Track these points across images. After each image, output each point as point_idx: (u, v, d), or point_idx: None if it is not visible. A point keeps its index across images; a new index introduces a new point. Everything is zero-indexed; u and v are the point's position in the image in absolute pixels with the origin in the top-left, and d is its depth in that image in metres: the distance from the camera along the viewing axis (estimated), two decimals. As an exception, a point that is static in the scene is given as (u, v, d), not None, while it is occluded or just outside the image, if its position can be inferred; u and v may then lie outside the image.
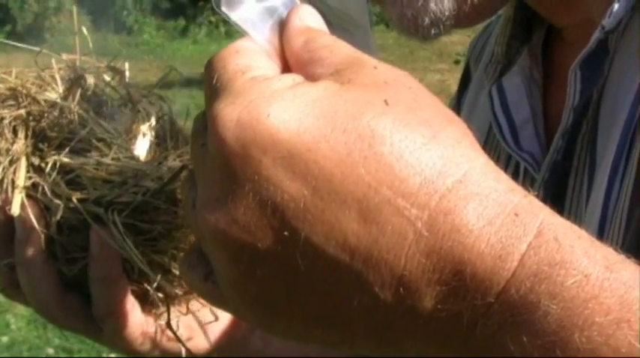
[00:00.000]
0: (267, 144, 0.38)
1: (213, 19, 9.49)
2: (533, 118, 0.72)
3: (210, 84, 0.42)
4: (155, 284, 0.69)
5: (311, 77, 0.41)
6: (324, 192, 0.37)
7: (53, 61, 0.75)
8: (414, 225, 0.37)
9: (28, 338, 3.85)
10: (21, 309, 3.87)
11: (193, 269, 0.44)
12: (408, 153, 0.37)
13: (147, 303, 0.72)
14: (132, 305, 0.71)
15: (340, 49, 0.42)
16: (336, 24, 0.47)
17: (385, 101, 0.39)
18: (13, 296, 0.74)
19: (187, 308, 0.73)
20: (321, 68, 0.41)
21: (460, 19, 0.66)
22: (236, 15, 0.44)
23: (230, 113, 0.39)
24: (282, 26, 0.44)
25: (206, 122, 0.41)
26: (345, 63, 0.41)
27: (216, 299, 0.44)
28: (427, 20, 0.65)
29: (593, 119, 0.63)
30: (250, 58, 0.42)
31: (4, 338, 3.90)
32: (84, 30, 0.87)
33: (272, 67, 0.43)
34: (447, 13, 0.65)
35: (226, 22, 0.45)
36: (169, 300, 0.71)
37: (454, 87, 0.93)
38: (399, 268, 0.37)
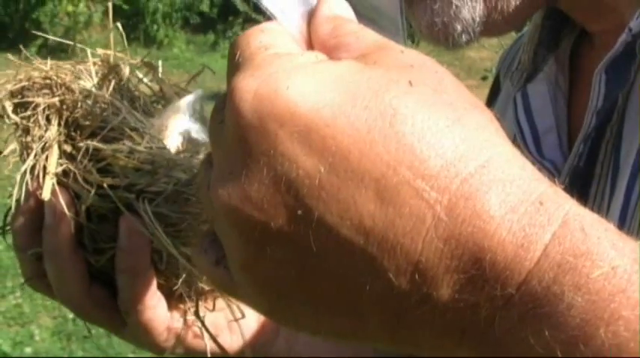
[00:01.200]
0: (284, 117, 0.37)
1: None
2: (556, 126, 0.71)
3: (232, 60, 0.41)
4: (183, 277, 0.68)
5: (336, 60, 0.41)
6: (340, 169, 0.36)
7: (89, 52, 0.74)
8: (432, 208, 0.35)
9: (52, 350, 3.85)
10: (45, 320, 3.88)
11: (205, 253, 0.43)
12: (430, 135, 0.36)
13: (173, 298, 0.72)
14: (158, 298, 0.70)
15: (367, 36, 0.42)
16: (367, 16, 0.46)
17: (410, 82, 0.38)
18: (39, 287, 0.74)
19: (214, 304, 0.72)
20: (347, 53, 0.40)
21: (489, 27, 0.65)
22: (267, 0, 0.43)
23: (248, 85, 0.38)
24: (310, 15, 0.44)
25: (225, 100, 0.40)
26: (371, 47, 0.40)
27: (227, 286, 0.43)
28: (459, 27, 0.64)
29: (617, 125, 0.62)
30: (275, 36, 0.42)
31: (28, 349, 3.91)
32: (119, 26, 0.87)
33: (296, 47, 0.42)
34: (477, 20, 0.64)
35: None
36: (198, 294, 0.70)
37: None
38: (416, 253, 0.36)
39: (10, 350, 3.92)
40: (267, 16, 0.44)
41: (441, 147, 0.36)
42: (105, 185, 0.62)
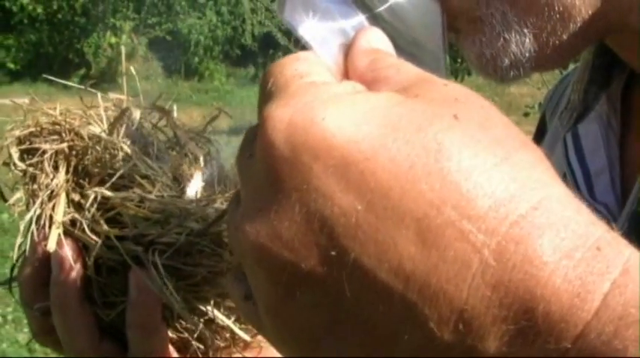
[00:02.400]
0: (319, 149, 0.34)
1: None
2: (609, 167, 0.68)
3: (265, 89, 0.38)
4: (197, 333, 0.64)
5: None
6: (379, 207, 0.33)
7: (99, 97, 0.71)
8: (479, 252, 0.32)
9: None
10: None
11: (238, 283, 0.41)
12: (478, 173, 0.33)
13: (187, 354, 0.68)
14: (170, 355, 0.66)
15: (407, 69, 0.39)
16: (406, 51, 0.43)
17: (455, 116, 0.35)
18: (46, 343, 0.71)
19: (230, 362, 0.68)
20: (386, 86, 0.38)
21: (540, 62, 0.62)
22: (303, 29, 0.42)
23: (282, 114, 0.35)
24: (348, 47, 0.42)
25: (256, 132, 0.38)
26: (412, 80, 0.38)
27: (255, 322, 0.40)
28: (506, 61, 0.61)
29: None
30: (310, 65, 0.39)
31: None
32: (132, 70, 0.85)
33: (331, 77, 0.39)
34: (527, 55, 0.61)
35: None
36: (213, 352, 0.66)
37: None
38: (460, 301, 0.33)
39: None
40: (302, 46, 0.42)
41: (489, 187, 0.33)
42: (112, 236, 0.58)
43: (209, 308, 0.63)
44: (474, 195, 0.33)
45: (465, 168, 0.33)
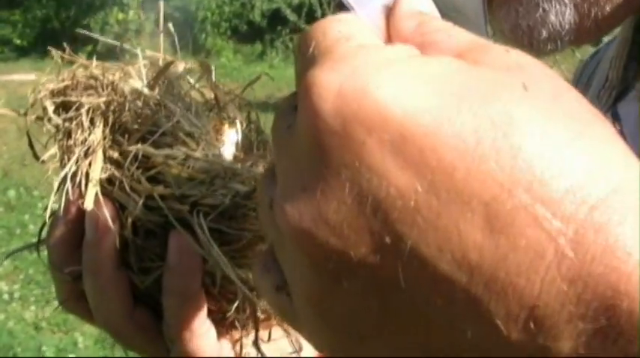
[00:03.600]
0: (374, 122, 0.30)
1: (290, 44, 9.54)
2: None
3: (305, 54, 0.34)
4: (237, 303, 0.61)
5: None
6: (441, 189, 0.29)
7: (139, 52, 0.67)
8: (555, 241, 0.28)
9: None
10: (89, 328, 3.88)
11: (267, 273, 0.37)
12: (553, 151, 0.29)
13: (224, 326, 0.64)
14: (208, 326, 0.62)
15: (459, 33, 0.35)
16: (448, 17, 0.40)
17: (524, 85, 0.31)
18: (75, 310, 0.67)
19: (269, 335, 0.64)
20: (437, 52, 0.34)
21: (580, 35, 0.58)
22: None
23: (330, 80, 0.31)
24: (388, 11, 0.37)
25: (295, 102, 0.34)
26: (467, 45, 0.34)
27: (288, 316, 0.36)
28: (544, 33, 0.57)
29: None
30: (355, 27, 0.35)
31: (72, 356, 3.90)
32: (170, 27, 0.81)
33: (379, 40, 0.35)
34: (567, 27, 0.57)
35: None
36: (256, 321, 0.62)
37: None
38: (532, 296, 0.29)
39: (53, 356, 3.93)
40: (337, 7, 0.38)
41: (565, 166, 0.29)
42: (155, 195, 0.54)
43: (251, 275, 0.59)
44: (548, 175, 0.29)
45: (538, 145, 0.29)
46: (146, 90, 0.59)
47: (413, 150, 0.29)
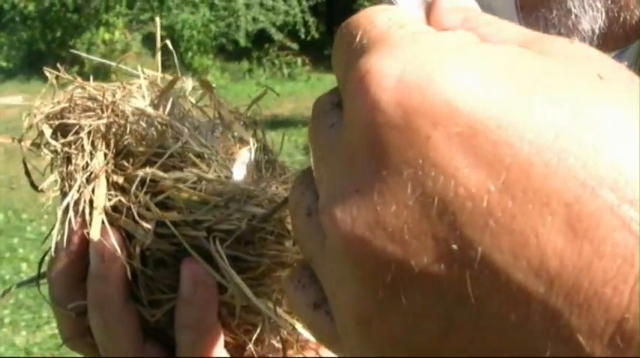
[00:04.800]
0: (440, 113, 0.27)
1: (276, 61, 9.54)
2: None
3: (351, 45, 0.30)
4: (255, 335, 0.56)
5: None
6: (517, 188, 0.26)
7: (140, 69, 0.63)
8: None
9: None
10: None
11: (303, 289, 0.33)
12: (638, 145, 0.26)
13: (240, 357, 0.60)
14: None
15: (511, 26, 0.32)
16: None
17: (599, 75, 0.28)
18: (80, 348, 0.63)
19: (290, 364, 0.60)
20: None
21: (607, 41, 0.54)
22: None
23: (389, 68, 0.28)
24: (428, 6, 0.35)
25: (337, 99, 0.32)
26: (525, 37, 0.31)
27: (327, 336, 0.33)
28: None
29: None
30: (404, 15, 0.31)
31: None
32: (169, 44, 0.76)
33: (432, 29, 0.32)
34: (597, 32, 0.53)
35: (289, 64, 0.34)
36: (278, 353, 0.58)
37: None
38: (620, 309, 0.25)
39: (45, 382, 3.87)
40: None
41: None
42: (167, 222, 0.50)
43: (270, 305, 0.55)
44: (635, 174, 0.26)
45: (623, 140, 0.26)
46: (150, 110, 0.55)
47: (485, 144, 0.26)
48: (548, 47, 0.29)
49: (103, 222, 0.52)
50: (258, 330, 0.57)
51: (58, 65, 0.62)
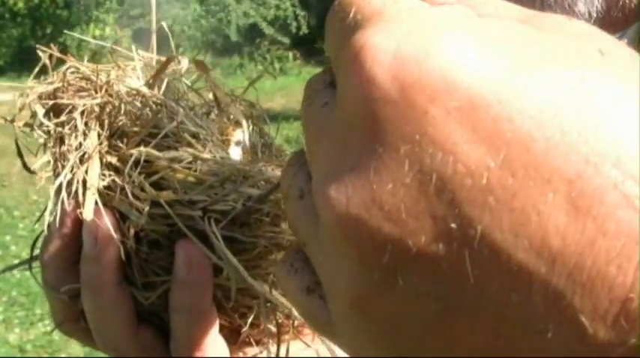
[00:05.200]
0: (438, 88, 0.26)
1: (267, 56, 9.52)
2: None
3: (344, 22, 0.30)
4: (252, 318, 0.56)
5: None
6: (517, 164, 0.25)
7: (134, 49, 0.63)
8: None
9: (82, 381, 3.77)
10: (75, 349, 3.81)
11: (295, 274, 0.33)
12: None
13: (236, 342, 0.59)
14: (220, 344, 0.57)
15: (508, 4, 0.31)
16: None
17: (600, 51, 0.27)
18: (73, 332, 0.62)
19: (287, 351, 0.60)
20: None
21: (605, 25, 0.54)
22: None
23: (384, 42, 0.27)
24: None
25: (329, 78, 0.31)
26: (524, 15, 0.30)
27: (320, 321, 0.32)
28: None
29: None
30: None
31: (58, 379, 3.84)
32: (164, 26, 0.76)
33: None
34: (594, 16, 0.53)
35: (281, 58, 0.33)
36: (279, 334, 0.57)
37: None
38: (625, 288, 0.24)
39: (38, 379, 3.86)
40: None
41: None
42: (162, 202, 0.49)
43: (266, 287, 0.54)
44: (638, 149, 0.25)
45: (626, 115, 0.25)
46: (145, 90, 0.54)
47: (484, 119, 0.25)
48: (547, 24, 0.29)
49: (96, 203, 0.51)
50: (254, 314, 0.56)
51: (52, 45, 0.61)
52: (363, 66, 0.27)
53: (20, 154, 0.57)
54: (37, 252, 0.60)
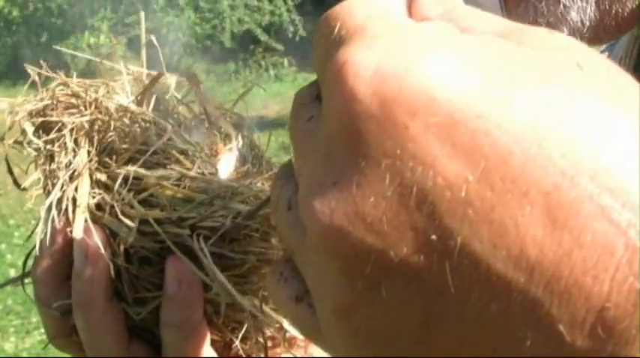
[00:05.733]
0: (418, 103, 0.26)
1: (262, 62, 9.53)
2: None
3: (329, 37, 0.30)
4: (243, 332, 0.56)
5: None
6: (496, 178, 0.26)
7: (122, 65, 0.63)
8: (625, 234, 0.25)
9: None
10: (70, 358, 3.79)
11: (284, 283, 0.33)
12: (617, 134, 0.26)
13: (227, 355, 0.59)
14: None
15: (491, 17, 0.32)
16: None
17: (579, 65, 0.28)
18: (66, 347, 0.62)
19: (277, 362, 0.60)
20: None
21: (599, 33, 0.55)
22: None
23: (366, 59, 0.27)
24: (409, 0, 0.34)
25: (315, 92, 0.32)
26: (506, 29, 0.30)
27: (310, 329, 0.32)
28: (565, 31, 0.54)
29: None
30: (383, 7, 0.31)
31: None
32: (154, 40, 0.76)
33: (412, 20, 0.32)
34: (587, 24, 0.53)
35: (276, 65, 0.34)
36: (257, 352, 0.58)
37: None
38: (601, 298, 0.25)
39: (34, 388, 3.86)
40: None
41: (632, 153, 0.26)
42: (150, 219, 0.50)
43: (256, 302, 0.55)
44: (615, 162, 0.26)
45: (602, 129, 0.26)
46: (133, 107, 0.55)
47: (463, 134, 0.26)
48: (528, 38, 0.29)
49: (86, 220, 0.52)
50: (245, 328, 0.56)
51: (41, 62, 0.61)
52: (345, 82, 0.27)
53: (11, 171, 0.58)
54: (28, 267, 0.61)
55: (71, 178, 0.53)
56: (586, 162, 0.25)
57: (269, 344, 0.59)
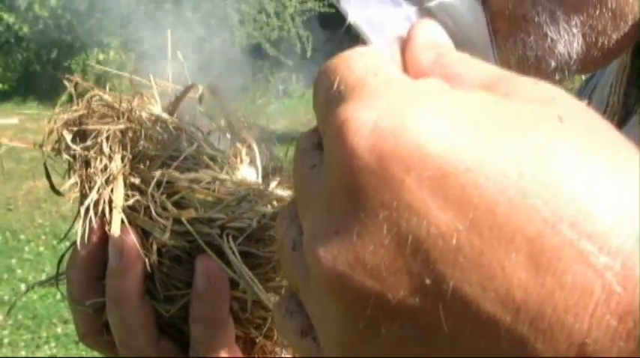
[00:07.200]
0: (412, 159, 0.29)
1: (271, 78, 9.56)
2: None
3: (329, 90, 0.33)
4: (265, 330, 0.59)
5: None
6: (484, 226, 0.29)
7: (152, 78, 0.67)
8: (602, 276, 0.28)
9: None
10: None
11: (290, 317, 0.36)
12: (595, 184, 0.29)
13: (252, 352, 0.63)
14: (236, 353, 0.61)
15: (481, 65, 0.34)
16: (456, 48, 0.39)
17: (560, 117, 0.30)
18: (95, 344, 0.65)
19: (298, 358, 0.63)
20: (460, 85, 0.33)
21: (586, 64, 0.57)
22: (355, 16, 0.37)
23: (364, 117, 0.30)
24: (403, 42, 0.37)
25: (317, 139, 0.34)
26: (493, 77, 0.33)
27: None
28: (553, 64, 0.56)
29: None
30: (379, 60, 0.34)
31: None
32: (179, 56, 0.80)
33: (405, 75, 0.34)
34: (574, 57, 0.56)
35: (285, 80, 0.37)
36: (279, 349, 0.61)
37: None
38: (581, 334, 0.28)
39: (43, 401, 3.87)
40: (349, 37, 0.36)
41: (609, 199, 0.28)
42: (183, 219, 0.53)
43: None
44: (593, 209, 0.28)
45: (581, 178, 0.29)
46: (165, 116, 0.58)
47: (454, 187, 0.29)
48: (512, 90, 0.32)
49: (122, 221, 0.55)
50: (268, 325, 0.60)
51: (75, 74, 0.65)
52: (346, 138, 0.30)
53: (48, 176, 0.61)
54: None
55: (107, 182, 0.57)
56: (566, 210, 0.28)
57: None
